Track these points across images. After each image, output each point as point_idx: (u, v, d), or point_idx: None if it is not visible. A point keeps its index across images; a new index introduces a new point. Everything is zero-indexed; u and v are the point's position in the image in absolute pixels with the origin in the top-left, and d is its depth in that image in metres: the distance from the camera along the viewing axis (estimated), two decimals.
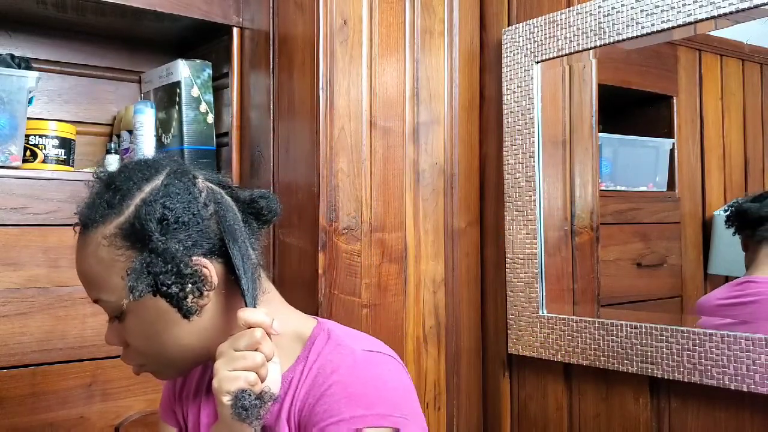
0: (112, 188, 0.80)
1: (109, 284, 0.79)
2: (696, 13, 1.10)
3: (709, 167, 1.38)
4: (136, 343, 0.82)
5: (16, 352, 1.24)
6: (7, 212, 1.24)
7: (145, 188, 0.79)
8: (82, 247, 0.80)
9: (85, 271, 0.81)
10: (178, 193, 0.79)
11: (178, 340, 0.81)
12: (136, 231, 0.77)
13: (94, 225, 0.79)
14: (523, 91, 1.38)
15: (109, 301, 0.80)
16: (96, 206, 0.79)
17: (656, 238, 1.42)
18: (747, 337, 1.06)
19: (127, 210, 0.78)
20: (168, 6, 1.45)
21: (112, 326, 0.84)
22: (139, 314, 0.80)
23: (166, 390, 1.01)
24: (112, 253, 0.78)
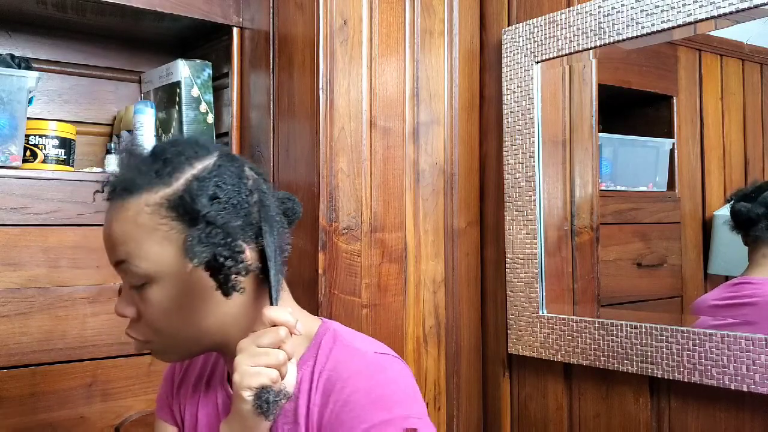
0: (161, 159, 0.80)
1: (144, 250, 0.78)
2: (696, 13, 1.10)
3: (709, 167, 1.38)
4: (154, 316, 0.81)
5: (16, 352, 1.24)
6: (7, 212, 1.24)
7: (196, 165, 0.80)
8: (119, 210, 0.79)
9: (117, 233, 0.79)
10: (230, 176, 0.80)
11: (197, 321, 0.81)
12: (185, 204, 0.77)
13: (138, 191, 0.78)
14: (523, 91, 1.38)
15: (137, 267, 0.78)
16: (142, 173, 0.79)
17: (656, 238, 1.42)
18: (747, 337, 1.06)
19: (176, 183, 0.78)
20: (168, 6, 1.45)
21: (127, 295, 0.83)
22: (167, 285, 0.79)
23: (163, 387, 1.01)
24: (154, 221, 0.77)
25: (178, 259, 0.77)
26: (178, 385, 0.98)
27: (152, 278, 0.78)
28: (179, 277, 0.78)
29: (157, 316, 0.80)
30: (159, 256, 0.77)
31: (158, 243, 0.77)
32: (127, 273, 0.80)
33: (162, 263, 0.78)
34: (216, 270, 0.75)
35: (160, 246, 0.77)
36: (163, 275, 0.78)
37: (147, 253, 0.78)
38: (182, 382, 0.97)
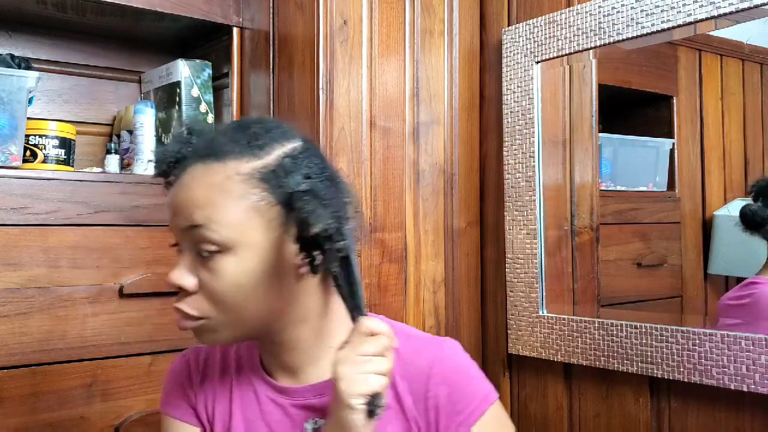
0: (249, 132, 0.80)
1: (227, 216, 0.76)
2: (696, 13, 1.10)
3: (709, 167, 1.38)
4: (221, 288, 0.77)
5: (16, 352, 1.24)
6: (7, 212, 1.24)
7: (286, 144, 0.80)
8: (204, 173, 0.78)
9: (199, 197, 0.77)
10: (318, 160, 0.80)
11: (264, 301, 0.79)
12: (278, 178, 0.76)
13: (226, 158, 0.78)
14: (523, 91, 1.38)
15: (216, 232, 0.76)
16: (231, 141, 0.79)
17: (656, 238, 1.42)
18: (747, 337, 1.06)
19: (267, 157, 0.78)
20: (168, 6, 1.45)
21: (187, 263, 0.79)
22: (244, 257, 0.77)
23: (176, 385, 0.94)
24: (243, 189, 0.76)
25: (262, 231, 0.77)
26: (200, 380, 0.93)
27: (230, 247, 0.76)
28: (259, 250, 0.77)
29: (225, 288, 0.77)
30: (243, 225, 0.76)
31: (244, 212, 0.76)
32: (200, 239, 0.77)
33: (244, 233, 0.76)
34: (318, 244, 0.74)
35: (245, 215, 0.76)
36: (243, 245, 0.76)
37: (230, 220, 0.76)
38: (205, 377, 0.93)
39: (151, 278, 1.38)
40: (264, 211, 0.77)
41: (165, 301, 1.40)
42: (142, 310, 1.37)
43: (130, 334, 1.36)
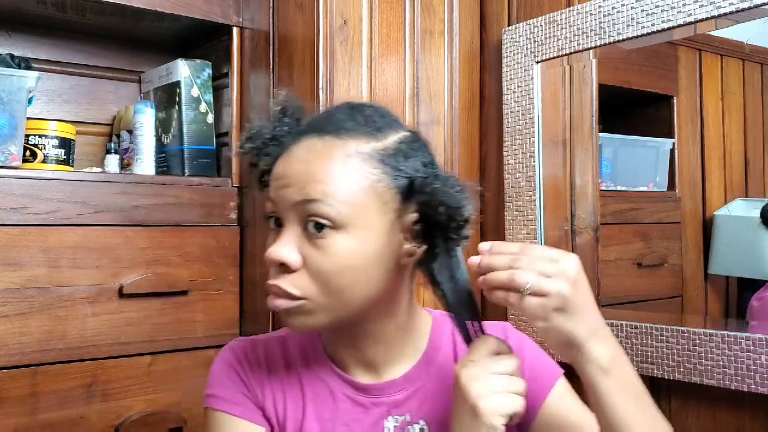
0: (365, 114, 0.80)
1: (345, 193, 0.75)
2: (696, 12, 1.10)
3: (710, 167, 1.38)
4: (329, 266, 0.75)
5: (15, 352, 1.24)
6: (6, 212, 1.24)
7: (399, 131, 0.80)
8: (324, 148, 0.76)
9: (318, 170, 0.75)
10: (429, 152, 0.81)
11: (368, 285, 0.77)
12: (397, 162, 0.77)
13: (347, 135, 0.77)
14: (523, 90, 1.38)
15: (332, 208, 0.74)
16: (351, 120, 0.79)
17: (657, 238, 1.42)
18: (747, 337, 1.06)
19: (385, 140, 0.78)
20: (168, 6, 1.45)
21: (291, 238, 0.76)
22: (356, 236, 0.75)
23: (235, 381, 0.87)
24: (364, 168, 0.76)
25: (377, 213, 0.76)
26: (265, 375, 0.87)
27: (344, 225, 0.74)
28: (372, 232, 0.76)
29: (333, 268, 0.75)
30: (360, 204, 0.75)
31: (362, 191, 0.75)
32: (313, 214, 0.75)
33: (360, 212, 0.75)
34: (435, 234, 0.74)
35: (364, 194, 0.75)
36: (357, 224, 0.75)
37: (348, 198, 0.75)
38: (270, 372, 0.87)
39: (151, 278, 1.38)
40: (381, 193, 0.76)
41: (165, 301, 1.40)
42: (142, 310, 1.37)
43: (130, 334, 1.36)
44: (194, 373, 1.43)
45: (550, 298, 0.70)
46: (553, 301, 0.70)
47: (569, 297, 0.70)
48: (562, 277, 0.71)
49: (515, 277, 0.70)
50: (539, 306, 0.70)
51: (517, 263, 0.71)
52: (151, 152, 1.52)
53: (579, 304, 0.71)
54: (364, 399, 0.84)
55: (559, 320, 0.71)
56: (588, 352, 0.72)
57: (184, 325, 1.42)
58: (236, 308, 1.49)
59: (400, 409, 0.84)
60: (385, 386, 0.85)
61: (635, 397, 0.75)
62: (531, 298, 0.70)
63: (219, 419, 0.86)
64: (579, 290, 0.72)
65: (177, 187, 1.43)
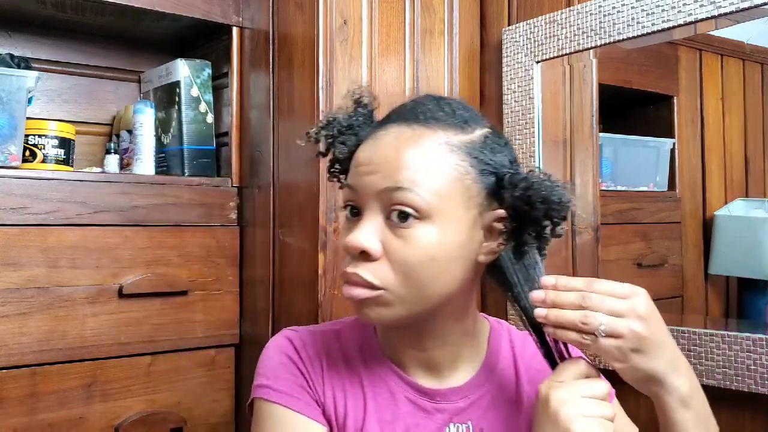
0: (451, 106, 0.78)
1: (434, 183, 0.73)
2: (696, 12, 1.10)
3: (710, 167, 1.38)
4: (413, 257, 0.73)
5: (15, 353, 1.24)
6: (6, 212, 1.24)
7: (484, 126, 0.79)
8: (414, 136, 0.75)
9: (408, 158, 0.73)
10: (511, 147, 0.80)
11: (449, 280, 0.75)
12: (485, 156, 0.75)
13: (436, 125, 0.76)
14: (524, 90, 1.38)
15: (420, 197, 0.72)
16: (440, 111, 0.77)
17: (657, 238, 1.42)
18: (748, 337, 1.05)
19: (472, 133, 0.77)
20: (168, 6, 1.45)
21: (372, 226, 0.74)
22: (441, 227, 0.73)
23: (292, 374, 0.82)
24: (453, 160, 0.74)
25: (462, 206, 0.74)
26: (324, 370, 0.83)
27: (431, 215, 0.73)
28: (457, 225, 0.74)
29: (417, 259, 0.72)
30: (448, 196, 0.73)
31: (451, 182, 0.73)
32: (400, 202, 0.73)
33: (448, 203, 0.73)
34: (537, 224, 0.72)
35: (452, 186, 0.73)
36: (444, 216, 0.73)
37: (437, 188, 0.73)
38: (329, 367, 0.83)
39: (151, 278, 1.38)
40: (468, 186, 0.74)
41: (165, 301, 1.40)
42: (142, 310, 1.37)
43: (130, 334, 1.36)
44: (194, 373, 1.43)
45: (626, 339, 0.70)
46: (629, 342, 0.70)
47: (644, 335, 0.70)
48: (633, 315, 0.70)
49: (588, 319, 0.69)
50: (615, 348, 0.70)
51: (586, 301, 0.70)
52: (150, 152, 1.52)
53: (654, 340, 0.71)
54: (427, 403, 0.82)
55: (637, 360, 0.71)
56: (670, 386, 0.72)
57: (184, 325, 1.42)
58: (236, 308, 1.49)
59: (462, 416, 0.82)
60: (449, 392, 0.82)
61: (708, 429, 0.77)
62: (607, 340, 0.69)
63: (276, 413, 0.80)
64: (652, 326, 0.71)
65: (177, 187, 1.43)
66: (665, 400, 0.73)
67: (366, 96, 0.86)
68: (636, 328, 0.69)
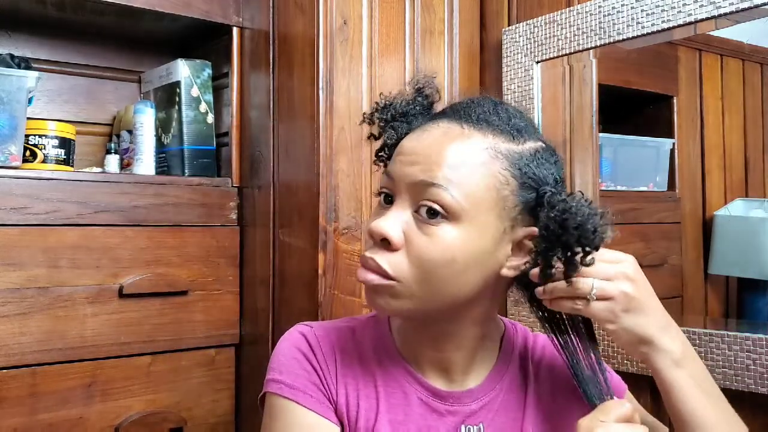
0: (508, 112, 0.78)
1: (471, 185, 0.72)
2: (696, 12, 1.10)
3: (710, 167, 1.38)
4: (433, 255, 0.72)
5: (15, 353, 1.24)
6: (6, 212, 1.24)
7: (537, 139, 0.78)
8: (462, 134, 0.74)
9: (450, 155, 0.73)
10: (561, 166, 0.79)
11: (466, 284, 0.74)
12: (530, 169, 0.74)
13: (487, 129, 0.75)
14: (524, 90, 1.38)
15: (454, 197, 0.72)
16: (495, 115, 0.76)
17: (656, 238, 1.42)
18: (747, 337, 1.06)
19: (523, 145, 0.75)
20: (168, 6, 1.45)
21: (399, 217, 0.74)
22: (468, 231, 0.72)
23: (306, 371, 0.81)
24: (495, 166, 0.73)
25: (494, 214, 0.73)
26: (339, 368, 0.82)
27: (459, 217, 0.72)
28: (484, 232, 0.73)
29: (437, 257, 0.72)
30: (481, 201, 0.72)
31: (487, 188, 0.72)
32: (431, 198, 0.72)
33: (479, 209, 0.72)
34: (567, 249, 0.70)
35: (488, 192, 0.72)
36: (472, 221, 0.72)
37: (472, 191, 0.72)
38: (343, 365, 0.82)
39: (151, 278, 1.38)
40: (505, 197, 0.73)
41: (165, 301, 1.40)
42: (142, 310, 1.37)
43: (130, 334, 1.36)
44: (194, 373, 1.43)
45: (616, 300, 0.72)
46: (619, 304, 0.72)
47: (634, 296, 0.72)
48: (623, 277, 0.72)
49: (578, 285, 0.71)
50: (607, 309, 0.72)
51: None
52: (151, 152, 1.52)
53: (644, 302, 0.73)
54: (440, 405, 0.81)
55: (628, 320, 0.72)
56: (660, 347, 0.74)
57: (184, 325, 1.42)
58: (236, 308, 1.49)
59: (474, 419, 0.82)
60: (462, 395, 0.82)
61: (708, 391, 0.77)
62: (598, 303, 0.71)
63: (288, 409, 0.79)
64: (641, 288, 0.73)
65: (177, 187, 1.43)
66: (657, 360, 0.74)
67: (429, 87, 0.85)
68: (625, 288, 0.72)
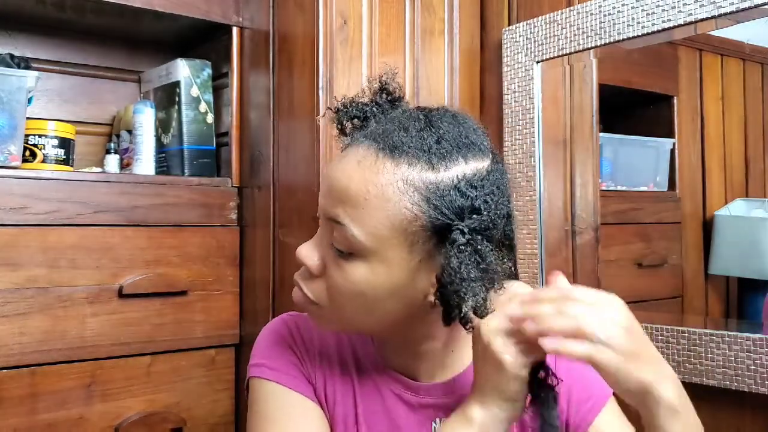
0: (438, 134, 0.70)
1: (373, 224, 0.69)
2: (697, 12, 1.10)
3: (710, 167, 1.38)
4: (343, 288, 0.72)
5: (15, 353, 1.24)
6: (6, 212, 1.24)
7: (470, 162, 0.70)
8: (369, 166, 0.70)
9: (352, 191, 0.70)
10: (498, 192, 0.70)
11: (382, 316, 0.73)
12: (443, 202, 0.68)
13: (402, 158, 0.69)
14: (524, 90, 1.38)
15: (355, 238, 0.69)
16: (415, 140, 0.69)
17: (657, 238, 1.42)
18: (748, 337, 1.05)
19: (443, 172, 0.69)
20: (168, 6, 1.45)
21: (320, 244, 0.74)
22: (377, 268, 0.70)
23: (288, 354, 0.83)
24: (402, 202, 0.68)
25: (403, 251, 0.69)
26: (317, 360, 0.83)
27: (366, 254, 0.70)
28: (393, 269, 0.70)
29: (347, 290, 0.72)
30: (385, 239, 0.69)
31: (392, 226, 0.68)
32: (336, 236, 0.71)
33: (385, 246, 0.69)
34: (445, 299, 0.67)
35: (392, 230, 0.68)
36: (379, 258, 0.69)
37: (375, 230, 0.69)
38: (322, 353, 0.83)
39: (151, 278, 1.38)
40: (413, 232, 0.69)
41: (164, 301, 1.40)
42: (142, 310, 1.37)
43: (130, 334, 1.36)
44: (194, 374, 1.43)
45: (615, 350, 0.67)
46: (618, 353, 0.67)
47: (628, 346, 0.67)
48: (615, 326, 0.67)
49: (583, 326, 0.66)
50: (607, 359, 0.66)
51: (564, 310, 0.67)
52: (150, 152, 1.52)
53: (639, 349, 0.68)
54: (411, 397, 0.82)
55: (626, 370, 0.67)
56: (658, 395, 0.69)
57: (184, 326, 1.42)
58: (236, 308, 1.49)
59: (447, 412, 0.81)
60: (434, 387, 0.82)
61: None
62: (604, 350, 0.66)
63: (271, 390, 0.80)
64: (635, 336, 0.68)
65: (176, 187, 1.43)
66: (654, 411, 0.70)
67: (391, 85, 0.80)
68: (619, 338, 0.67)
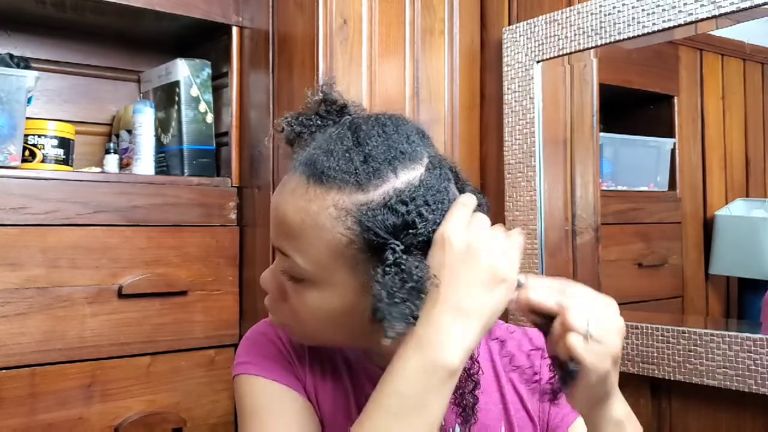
0: (365, 152, 0.69)
1: (314, 253, 0.69)
2: (697, 12, 1.10)
3: (710, 167, 1.38)
4: (301, 311, 0.73)
5: (14, 353, 1.24)
6: (6, 212, 1.24)
7: (401, 175, 0.68)
8: (301, 195, 0.69)
9: (291, 223, 0.70)
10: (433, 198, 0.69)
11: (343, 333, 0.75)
12: (375, 221, 0.67)
13: (329, 184, 0.68)
14: (524, 90, 1.38)
15: (300, 267, 0.70)
16: (343, 162, 0.68)
17: (657, 239, 1.42)
18: (748, 338, 1.05)
19: (373, 192, 0.67)
20: (168, 5, 1.45)
21: (279, 276, 0.75)
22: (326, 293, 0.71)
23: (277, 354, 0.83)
24: (336, 228, 0.68)
25: (347, 274, 0.70)
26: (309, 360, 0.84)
27: (313, 281, 0.71)
28: (342, 291, 0.71)
29: (303, 313, 0.74)
30: (328, 266, 0.69)
31: (331, 253, 0.69)
32: (284, 265, 0.73)
33: (329, 272, 0.70)
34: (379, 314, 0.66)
35: (332, 257, 0.69)
36: (327, 283, 0.71)
37: (317, 259, 0.69)
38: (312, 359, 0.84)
39: (151, 278, 1.38)
40: (352, 255, 0.68)
41: (164, 301, 1.40)
42: (141, 310, 1.37)
43: (129, 334, 1.36)
44: (194, 374, 1.43)
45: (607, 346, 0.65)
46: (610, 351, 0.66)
47: (618, 349, 0.66)
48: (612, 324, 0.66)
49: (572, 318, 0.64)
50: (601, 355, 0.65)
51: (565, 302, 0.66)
52: (150, 152, 1.52)
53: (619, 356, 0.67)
54: None
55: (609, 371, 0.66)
56: (611, 407, 0.69)
57: (184, 326, 1.42)
58: (236, 308, 1.49)
59: None
60: None
61: None
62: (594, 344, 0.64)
63: (256, 383, 0.81)
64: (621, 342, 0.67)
65: (176, 187, 1.43)
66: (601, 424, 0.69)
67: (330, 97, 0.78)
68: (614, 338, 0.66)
